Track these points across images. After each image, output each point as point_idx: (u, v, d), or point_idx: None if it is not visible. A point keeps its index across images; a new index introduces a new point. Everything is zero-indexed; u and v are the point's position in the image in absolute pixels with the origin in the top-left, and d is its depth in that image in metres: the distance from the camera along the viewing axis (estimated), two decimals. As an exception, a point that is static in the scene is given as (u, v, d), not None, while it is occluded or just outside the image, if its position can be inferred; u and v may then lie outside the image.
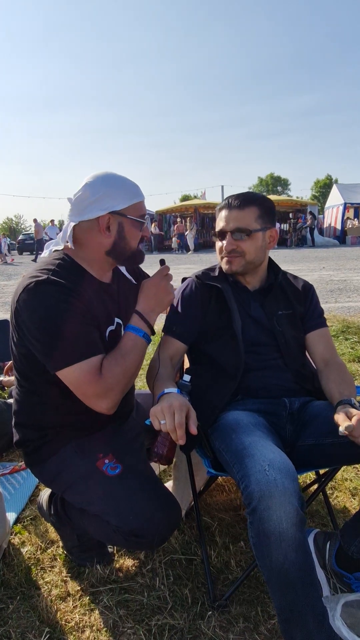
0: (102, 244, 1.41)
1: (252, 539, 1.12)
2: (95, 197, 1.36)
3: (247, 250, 1.55)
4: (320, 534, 1.55)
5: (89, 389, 1.30)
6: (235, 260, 1.56)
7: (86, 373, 1.28)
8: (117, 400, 1.34)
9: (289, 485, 1.08)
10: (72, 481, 1.43)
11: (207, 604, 1.43)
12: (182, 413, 1.19)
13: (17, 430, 1.51)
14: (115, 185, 1.38)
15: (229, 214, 1.56)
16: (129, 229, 1.41)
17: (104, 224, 1.38)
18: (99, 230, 1.38)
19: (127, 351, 1.37)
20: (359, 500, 1.95)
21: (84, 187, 1.37)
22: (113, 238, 1.40)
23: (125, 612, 1.41)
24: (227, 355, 1.55)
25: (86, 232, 1.41)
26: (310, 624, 1.06)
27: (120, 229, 1.40)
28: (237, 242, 1.54)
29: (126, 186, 1.40)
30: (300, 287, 1.70)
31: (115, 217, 1.38)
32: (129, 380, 1.37)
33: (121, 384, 1.34)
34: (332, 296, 7.06)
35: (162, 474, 2.20)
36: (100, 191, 1.36)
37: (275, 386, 1.55)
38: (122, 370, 1.34)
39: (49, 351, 1.28)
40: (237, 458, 1.22)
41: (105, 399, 1.32)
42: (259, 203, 1.56)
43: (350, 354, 3.88)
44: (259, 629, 1.34)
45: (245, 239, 1.54)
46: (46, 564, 1.63)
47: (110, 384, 1.31)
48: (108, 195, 1.36)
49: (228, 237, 1.55)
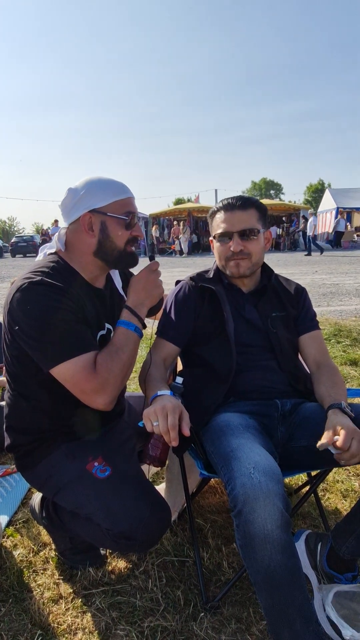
0: (89, 245, 1.41)
1: (238, 541, 1.12)
2: (77, 198, 1.38)
3: (254, 251, 1.56)
4: (311, 535, 1.56)
5: (85, 385, 1.29)
6: (243, 262, 1.56)
7: (81, 369, 1.28)
8: (114, 395, 1.34)
9: (273, 488, 1.09)
10: (62, 485, 1.43)
11: (200, 606, 1.43)
12: (175, 415, 1.19)
13: (8, 434, 1.51)
14: (96, 185, 1.40)
15: (232, 215, 1.55)
16: (112, 227, 1.40)
17: (85, 223, 1.39)
18: (83, 230, 1.40)
19: (121, 346, 1.37)
20: (350, 502, 1.97)
21: (68, 191, 1.40)
22: (97, 237, 1.40)
23: (118, 614, 1.41)
24: (219, 358, 1.56)
25: (74, 234, 1.43)
26: (298, 624, 1.06)
27: (103, 227, 1.40)
28: (244, 243, 1.54)
29: (107, 185, 1.41)
30: (293, 290, 1.71)
31: (97, 215, 1.39)
32: (124, 374, 1.37)
33: (117, 378, 1.33)
34: (325, 300, 7.11)
35: (155, 476, 2.21)
36: (81, 192, 1.38)
37: (267, 388, 1.56)
38: (117, 365, 1.33)
39: (43, 348, 1.29)
40: (225, 461, 1.23)
41: (102, 395, 1.31)
42: (257, 205, 1.59)
43: (342, 357, 3.91)
44: (251, 630, 1.35)
45: (252, 240, 1.55)
46: (38, 567, 1.62)
47: (105, 379, 1.30)
48: (88, 194, 1.38)
49: (235, 238, 1.54)
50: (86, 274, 1.45)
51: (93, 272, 1.47)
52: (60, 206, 1.43)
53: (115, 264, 1.48)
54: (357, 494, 2.02)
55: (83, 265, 1.45)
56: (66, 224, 1.43)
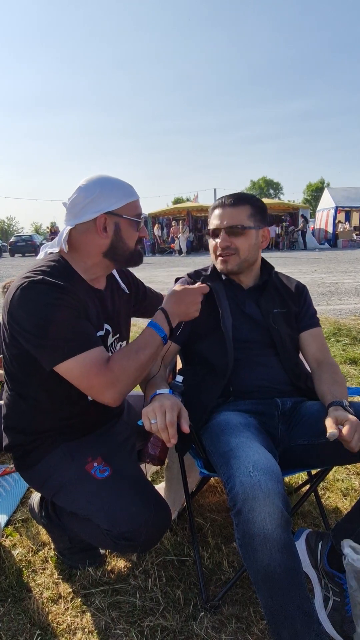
0: (100, 245, 1.41)
1: (238, 541, 1.12)
2: (89, 199, 1.36)
3: (241, 247, 1.56)
4: (312, 534, 1.55)
5: (94, 380, 1.27)
6: (230, 258, 1.57)
7: (90, 365, 1.26)
8: (124, 392, 1.32)
9: (272, 487, 1.08)
10: (61, 485, 1.42)
11: (200, 605, 1.42)
12: (173, 412, 1.19)
13: (7, 434, 1.50)
14: (108, 186, 1.39)
15: (222, 212, 1.57)
16: (125, 229, 1.41)
17: (101, 225, 1.38)
18: (95, 231, 1.39)
19: (143, 346, 1.36)
20: (350, 501, 1.96)
21: (78, 190, 1.38)
22: (110, 239, 1.40)
23: (117, 613, 1.40)
24: (217, 353, 1.55)
25: (83, 235, 1.41)
26: (298, 624, 1.05)
27: (117, 229, 1.40)
28: (230, 239, 1.55)
29: (120, 186, 1.40)
30: (294, 287, 1.71)
31: (112, 217, 1.38)
32: (138, 375, 1.35)
33: (130, 378, 1.32)
34: (324, 299, 7.10)
35: (155, 475, 2.20)
36: (94, 193, 1.36)
37: (267, 388, 1.55)
38: (133, 365, 1.32)
39: (47, 346, 1.27)
40: (224, 460, 1.22)
41: (111, 390, 1.29)
42: (252, 202, 1.58)
43: (342, 356, 3.90)
44: (251, 629, 1.34)
45: (239, 236, 1.55)
46: (37, 566, 1.62)
47: (117, 376, 1.29)
48: (102, 196, 1.36)
49: (222, 234, 1.56)
50: (87, 275, 1.45)
51: (96, 273, 1.47)
52: (69, 205, 1.39)
53: (125, 263, 1.49)
54: (357, 493, 2.01)
55: (87, 266, 1.44)
56: (72, 223, 1.39)
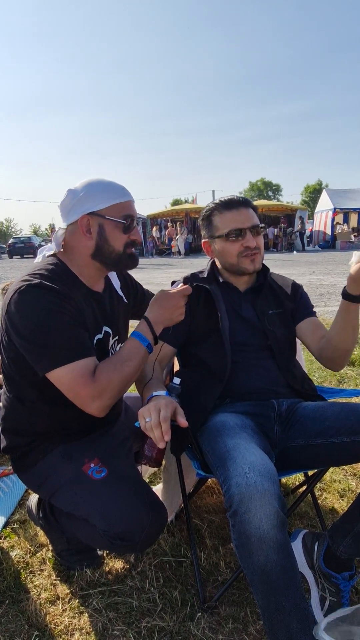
0: (87, 247, 1.41)
1: (234, 542, 1.12)
2: (75, 200, 1.38)
3: (261, 246, 1.61)
4: (308, 535, 1.56)
5: (81, 391, 1.29)
6: (257, 257, 1.60)
7: (78, 375, 1.28)
8: (109, 403, 1.33)
9: (268, 488, 1.09)
10: (58, 486, 1.43)
11: (197, 606, 1.43)
12: (167, 409, 1.20)
13: (5, 436, 1.51)
14: (96, 187, 1.39)
15: (239, 213, 1.57)
16: (110, 231, 1.40)
17: (84, 226, 1.38)
18: (80, 232, 1.39)
19: (128, 358, 1.35)
20: (347, 501, 1.97)
21: (67, 192, 1.40)
22: (94, 240, 1.40)
23: (115, 614, 1.41)
24: (214, 357, 1.56)
25: (72, 236, 1.42)
26: (294, 625, 1.06)
27: (101, 230, 1.39)
28: (256, 239, 1.58)
29: (108, 188, 1.40)
30: (289, 287, 1.73)
31: (95, 218, 1.38)
32: (124, 386, 1.36)
33: (115, 389, 1.33)
34: (322, 300, 7.12)
35: (152, 477, 2.21)
36: (81, 193, 1.38)
37: (264, 389, 1.56)
38: (119, 376, 1.32)
39: (39, 352, 1.28)
40: (220, 461, 1.23)
41: (97, 401, 1.30)
42: (252, 204, 1.63)
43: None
44: (248, 630, 1.35)
45: (259, 235, 1.60)
46: (35, 568, 1.62)
47: (104, 388, 1.30)
48: (87, 196, 1.37)
49: (248, 234, 1.56)
50: (84, 277, 1.45)
51: (91, 274, 1.47)
52: (60, 207, 1.42)
53: (114, 266, 1.48)
54: (354, 494, 2.02)
55: (81, 267, 1.44)
56: (64, 225, 1.42)
